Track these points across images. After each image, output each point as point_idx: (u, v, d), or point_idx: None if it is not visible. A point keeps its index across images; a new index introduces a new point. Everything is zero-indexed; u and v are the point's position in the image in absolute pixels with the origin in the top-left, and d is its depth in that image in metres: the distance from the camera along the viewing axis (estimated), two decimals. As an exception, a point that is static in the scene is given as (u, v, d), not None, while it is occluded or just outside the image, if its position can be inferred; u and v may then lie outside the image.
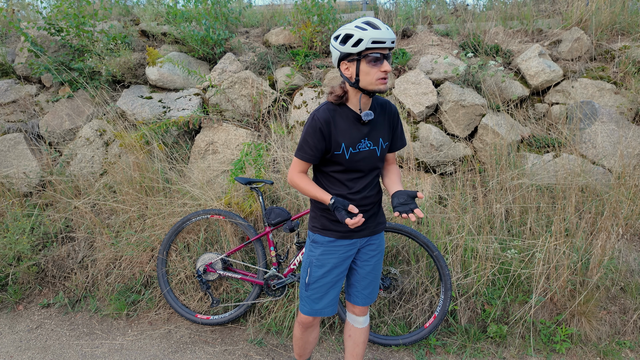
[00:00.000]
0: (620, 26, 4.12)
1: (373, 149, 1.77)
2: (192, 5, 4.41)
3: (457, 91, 3.55)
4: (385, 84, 1.64)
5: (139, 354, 2.65)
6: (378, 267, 2.00)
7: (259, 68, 4.05)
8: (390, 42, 1.57)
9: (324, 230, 1.87)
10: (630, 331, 2.67)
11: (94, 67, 3.94)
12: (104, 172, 3.66)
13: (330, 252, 1.87)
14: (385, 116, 1.81)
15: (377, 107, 1.79)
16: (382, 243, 2.00)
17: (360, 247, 1.93)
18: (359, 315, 2.03)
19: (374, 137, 1.77)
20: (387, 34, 1.56)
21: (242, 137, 3.58)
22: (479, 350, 2.58)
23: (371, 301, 2.02)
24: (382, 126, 1.80)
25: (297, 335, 2.06)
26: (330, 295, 1.90)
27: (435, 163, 3.41)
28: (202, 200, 3.14)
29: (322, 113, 1.70)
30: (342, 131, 1.71)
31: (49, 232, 3.36)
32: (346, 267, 1.92)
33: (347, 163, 1.74)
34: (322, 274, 1.87)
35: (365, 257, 1.94)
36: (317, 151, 1.72)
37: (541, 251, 2.65)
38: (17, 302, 3.22)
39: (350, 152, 1.73)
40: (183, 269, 3.04)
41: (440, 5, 5.18)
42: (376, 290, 2.04)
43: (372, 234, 1.91)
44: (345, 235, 1.86)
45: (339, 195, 1.79)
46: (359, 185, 1.79)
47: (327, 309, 1.92)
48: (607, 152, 3.35)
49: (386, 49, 1.60)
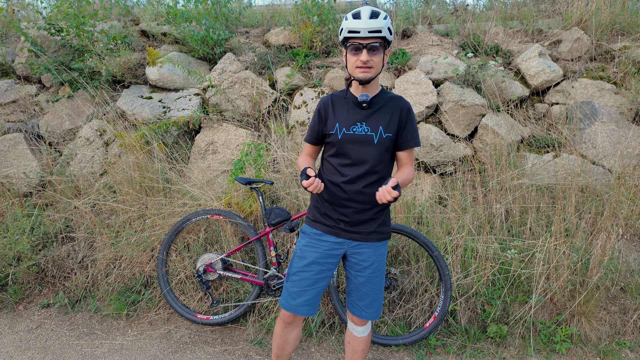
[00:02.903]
0: (620, 26, 4.12)
1: (370, 134, 1.73)
2: (192, 5, 4.41)
3: (457, 91, 3.55)
4: (365, 73, 1.66)
5: (139, 354, 2.65)
6: (374, 281, 1.84)
7: (259, 68, 4.05)
8: (366, 32, 1.60)
9: (313, 221, 1.86)
10: (630, 331, 2.67)
11: (94, 67, 3.94)
12: (104, 172, 3.66)
13: (314, 245, 1.83)
14: (392, 108, 1.77)
15: (386, 99, 1.79)
16: (379, 258, 1.85)
17: (349, 252, 1.84)
18: (357, 325, 1.95)
19: (373, 123, 1.74)
20: (362, 24, 1.59)
21: (242, 137, 3.58)
22: (479, 351, 2.58)
23: (370, 317, 1.89)
24: (386, 115, 1.75)
25: (276, 332, 1.97)
26: (308, 294, 1.82)
27: (435, 163, 3.41)
28: (202, 200, 3.14)
29: (324, 97, 1.84)
30: (339, 112, 1.78)
31: (49, 232, 3.36)
32: (329, 268, 1.84)
33: (339, 144, 1.74)
34: (302, 267, 1.82)
35: (358, 267, 1.84)
36: (314, 132, 1.84)
37: (541, 251, 2.65)
38: (17, 302, 3.21)
39: (344, 132, 1.73)
40: (183, 269, 3.04)
41: (440, 5, 5.18)
42: (376, 306, 1.88)
43: (363, 239, 1.81)
44: (333, 232, 1.81)
45: (333, 183, 1.78)
46: (352, 174, 1.74)
47: (303, 307, 1.83)
48: (607, 152, 3.35)
49: (366, 38, 1.63)
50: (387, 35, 1.65)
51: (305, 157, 1.91)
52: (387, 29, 1.64)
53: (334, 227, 1.81)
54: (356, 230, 1.80)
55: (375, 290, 1.86)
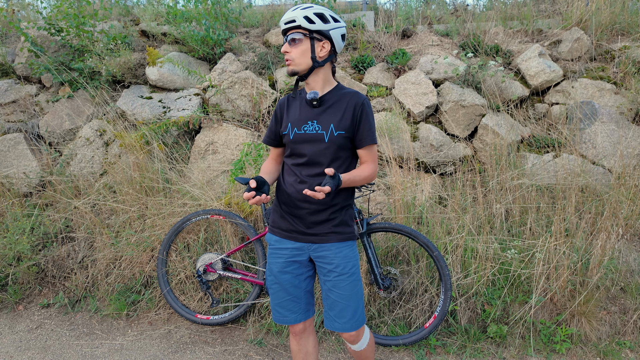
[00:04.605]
0: (620, 26, 4.12)
1: (321, 133, 1.65)
2: (192, 5, 4.41)
3: (457, 91, 3.55)
4: (289, 66, 1.66)
5: (139, 354, 2.65)
6: (342, 286, 1.68)
7: (259, 68, 4.05)
8: (282, 23, 1.64)
9: (272, 227, 1.81)
10: (630, 331, 2.67)
11: (94, 67, 3.94)
12: (104, 172, 3.66)
13: (276, 254, 1.76)
14: (345, 104, 1.68)
15: (339, 95, 1.70)
16: (343, 261, 1.69)
17: (313, 256, 1.74)
18: (346, 340, 1.79)
19: (324, 122, 1.66)
20: (282, 18, 1.64)
21: (242, 137, 3.58)
22: (479, 351, 2.58)
23: (342, 328, 1.71)
24: (337, 112, 1.67)
25: (293, 349, 1.85)
26: (290, 304, 1.75)
27: (435, 163, 3.41)
28: (202, 201, 3.14)
29: (281, 99, 1.82)
30: (292, 113, 1.75)
31: (49, 232, 3.36)
32: (301, 273, 1.74)
33: (291, 144, 1.70)
34: (272, 280, 1.76)
35: (323, 271, 1.73)
36: (272, 133, 1.82)
37: (541, 251, 2.65)
38: (17, 302, 3.21)
39: (295, 132, 1.69)
40: (183, 269, 3.04)
41: (440, 5, 5.18)
42: (348, 316, 1.69)
43: (321, 241, 1.70)
44: (290, 236, 1.74)
45: (289, 184, 1.72)
46: (305, 173, 1.68)
47: (292, 316, 1.76)
48: (607, 152, 3.35)
49: (285, 31, 1.65)
50: (304, 24, 1.58)
51: (269, 161, 1.87)
52: (302, 17, 1.58)
53: (291, 230, 1.74)
54: (312, 232, 1.71)
55: (345, 297, 1.68)
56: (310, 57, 1.63)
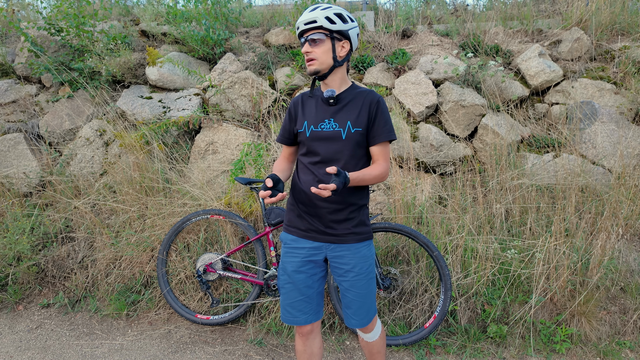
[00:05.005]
0: (620, 26, 4.12)
1: (338, 130, 1.67)
2: (192, 5, 4.42)
3: (457, 91, 3.55)
4: (311, 66, 1.66)
5: (139, 354, 2.65)
6: (359, 286, 1.73)
7: (259, 68, 4.05)
8: (302, 24, 1.64)
9: (288, 226, 1.81)
10: (630, 331, 2.67)
11: (94, 67, 3.94)
12: (104, 172, 3.66)
13: (292, 253, 1.76)
14: (361, 101, 1.71)
15: (354, 94, 1.73)
16: (361, 261, 1.73)
17: (329, 255, 1.75)
18: (361, 331, 1.87)
19: (341, 119, 1.68)
20: (300, 19, 1.65)
21: (242, 137, 3.58)
22: (479, 351, 2.58)
23: (358, 325, 1.80)
24: (354, 110, 1.70)
25: (298, 349, 1.85)
26: (302, 304, 1.75)
27: (435, 163, 3.41)
28: (202, 201, 3.14)
29: (295, 97, 1.83)
30: (308, 111, 1.76)
31: (49, 232, 3.36)
32: (315, 273, 1.76)
33: (308, 142, 1.71)
34: (286, 279, 1.76)
35: (340, 272, 1.75)
36: (286, 131, 1.82)
37: (541, 251, 2.65)
38: (17, 302, 3.21)
39: (312, 130, 1.70)
40: (183, 269, 3.04)
41: (440, 5, 5.18)
42: (363, 314, 1.77)
43: (340, 241, 1.72)
44: (308, 235, 1.74)
45: (306, 182, 1.72)
46: (322, 172, 1.68)
47: (303, 317, 1.76)
48: (607, 152, 3.35)
49: (304, 31, 1.66)
50: (325, 24, 1.60)
51: (281, 160, 1.89)
52: (324, 18, 1.60)
53: (309, 230, 1.74)
54: (331, 232, 1.72)
55: (362, 296, 1.75)
56: (331, 57, 1.66)
